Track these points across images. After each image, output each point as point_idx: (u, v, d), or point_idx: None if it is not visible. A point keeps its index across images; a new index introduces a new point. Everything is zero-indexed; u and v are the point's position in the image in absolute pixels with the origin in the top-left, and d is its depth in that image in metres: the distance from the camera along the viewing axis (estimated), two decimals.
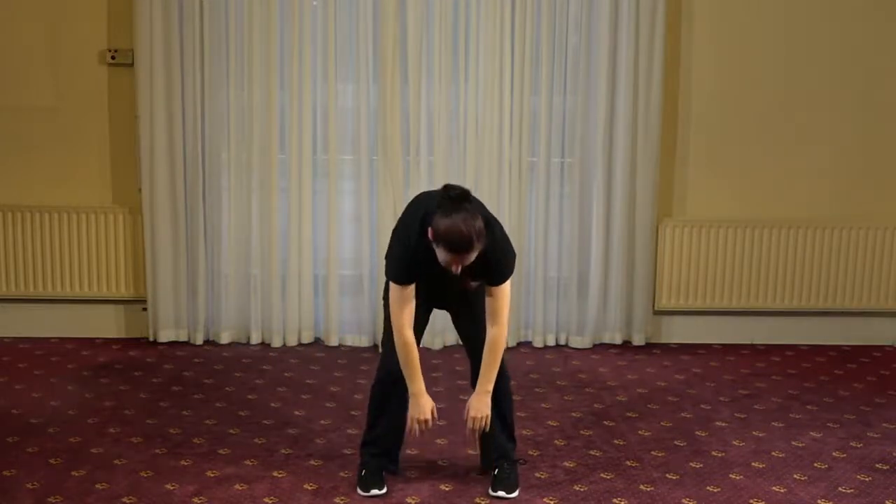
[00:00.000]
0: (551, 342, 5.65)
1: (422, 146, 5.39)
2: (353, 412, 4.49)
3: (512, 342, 5.56)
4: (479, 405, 3.57)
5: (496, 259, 3.48)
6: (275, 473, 3.84)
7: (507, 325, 3.57)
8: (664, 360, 5.43)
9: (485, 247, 3.36)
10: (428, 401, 3.57)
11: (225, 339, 5.56)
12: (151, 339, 5.54)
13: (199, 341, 5.54)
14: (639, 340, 5.66)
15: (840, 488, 3.80)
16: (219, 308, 5.55)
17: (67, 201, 5.49)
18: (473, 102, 5.37)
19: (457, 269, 3.37)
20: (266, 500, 3.61)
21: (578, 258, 5.59)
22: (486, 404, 3.58)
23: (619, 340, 5.67)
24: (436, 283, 3.55)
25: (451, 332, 5.39)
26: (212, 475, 3.81)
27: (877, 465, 4.03)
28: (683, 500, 3.67)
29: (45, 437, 4.15)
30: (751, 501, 3.67)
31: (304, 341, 5.59)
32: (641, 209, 5.50)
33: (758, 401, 4.80)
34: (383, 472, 3.72)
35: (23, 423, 4.32)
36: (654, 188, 5.49)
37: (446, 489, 3.73)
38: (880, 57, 5.54)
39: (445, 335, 5.51)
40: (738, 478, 3.88)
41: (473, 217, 3.31)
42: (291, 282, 5.50)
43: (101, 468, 3.85)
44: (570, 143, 5.49)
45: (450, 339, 5.52)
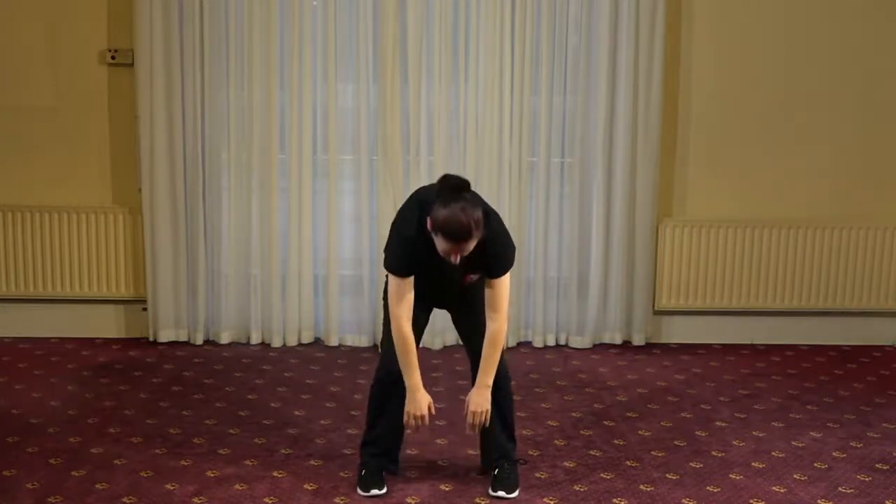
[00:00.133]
0: (551, 342, 5.65)
1: (422, 146, 5.39)
2: (353, 412, 4.49)
3: (512, 342, 5.57)
4: (479, 399, 3.56)
5: (495, 251, 3.47)
6: (275, 473, 3.83)
7: (506, 319, 3.56)
8: (664, 360, 5.43)
9: (484, 238, 3.37)
10: (424, 396, 3.55)
11: (225, 339, 5.56)
12: (151, 339, 5.54)
13: (199, 341, 5.54)
14: (639, 340, 5.66)
15: (840, 488, 3.80)
16: (219, 308, 5.55)
17: (67, 201, 5.49)
18: (473, 102, 5.37)
19: (456, 259, 3.36)
20: (266, 500, 3.61)
21: (578, 258, 5.59)
22: (486, 398, 3.56)
23: (619, 340, 5.67)
24: (435, 279, 3.55)
25: (450, 332, 5.39)
26: (212, 475, 3.81)
27: (877, 465, 4.03)
28: (683, 500, 3.67)
29: (45, 437, 4.15)
30: (751, 501, 3.67)
31: (304, 341, 5.59)
32: (641, 209, 5.50)
33: (758, 401, 4.80)
34: (383, 472, 3.71)
35: (23, 423, 4.32)
36: (654, 188, 5.49)
37: (446, 489, 3.73)
38: (880, 57, 5.54)
39: (445, 335, 5.51)
40: (738, 478, 3.88)
41: (472, 206, 3.32)
42: (291, 282, 5.50)
43: (101, 468, 3.85)
44: (570, 143, 5.49)
45: (450, 339, 5.52)
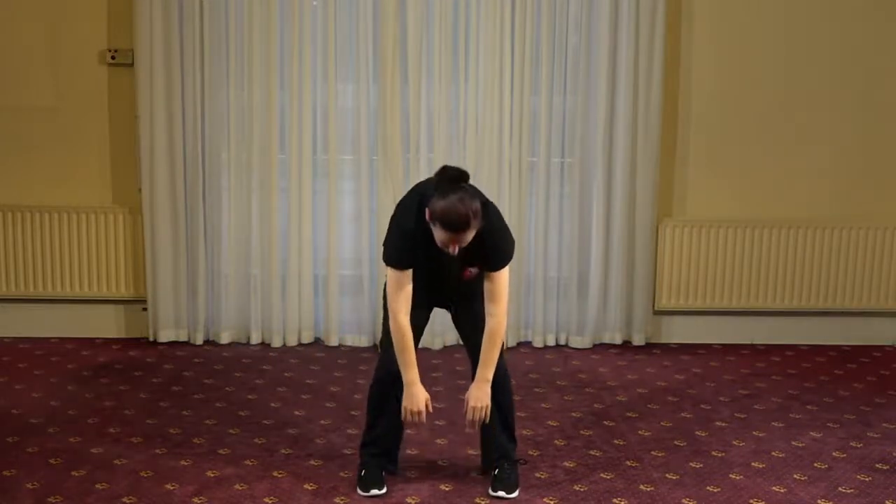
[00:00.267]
0: (551, 342, 5.65)
1: (422, 146, 5.39)
2: (353, 412, 4.48)
3: (512, 342, 5.56)
4: (479, 394, 3.55)
5: (493, 243, 3.47)
6: (275, 473, 3.83)
7: (505, 313, 3.55)
8: (664, 360, 5.43)
9: (482, 230, 3.37)
10: (421, 391, 3.54)
11: (225, 339, 5.56)
12: (151, 339, 5.54)
13: (199, 341, 5.54)
14: (639, 340, 5.66)
15: (840, 488, 3.79)
16: (219, 308, 5.55)
17: (67, 201, 5.49)
18: (473, 102, 5.37)
19: (454, 250, 3.35)
20: (266, 500, 3.60)
21: (578, 258, 5.59)
22: (486, 393, 3.55)
23: (619, 340, 5.67)
24: (434, 271, 3.54)
25: (450, 333, 5.39)
26: (212, 475, 3.81)
27: (877, 465, 4.03)
28: (683, 500, 3.67)
29: (45, 437, 4.15)
30: (751, 501, 3.67)
31: (304, 341, 5.59)
32: (641, 209, 5.50)
33: (758, 401, 4.80)
34: (383, 472, 3.71)
35: (23, 423, 4.32)
36: (654, 188, 5.49)
37: (446, 489, 3.73)
38: (880, 57, 5.54)
39: (445, 335, 5.51)
40: (738, 478, 3.88)
41: (470, 197, 3.32)
42: (291, 282, 5.50)
43: (101, 468, 3.85)
44: (570, 143, 5.49)
45: (450, 339, 5.52)
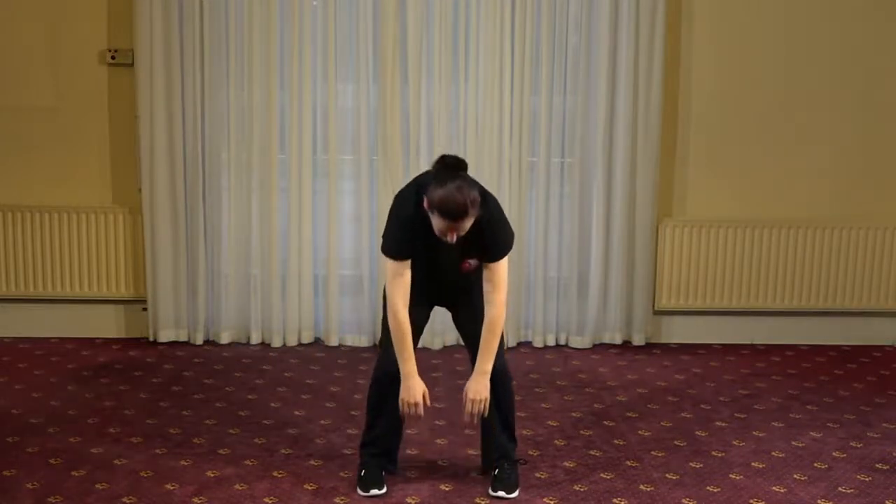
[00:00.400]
0: (551, 342, 5.65)
1: (422, 146, 5.39)
2: (352, 412, 4.48)
3: (512, 342, 5.56)
4: (478, 387, 3.54)
5: (492, 233, 3.47)
6: (275, 473, 3.83)
7: (505, 303, 3.54)
8: (664, 360, 5.43)
9: (480, 220, 3.37)
10: (418, 383, 3.53)
11: (225, 339, 5.56)
12: (151, 339, 5.54)
13: (199, 341, 5.54)
14: (639, 340, 5.65)
15: (840, 488, 3.79)
16: (219, 308, 5.55)
17: (67, 201, 5.49)
18: (473, 102, 5.37)
19: (452, 238, 3.35)
20: (266, 500, 3.60)
21: (578, 258, 5.59)
22: (485, 386, 3.54)
23: (619, 340, 5.67)
24: (433, 262, 3.53)
25: (450, 332, 5.39)
26: (212, 475, 3.81)
27: (877, 465, 4.03)
28: (683, 500, 3.67)
29: (45, 437, 4.15)
30: (751, 501, 3.67)
31: (304, 341, 5.59)
32: (641, 209, 5.50)
33: (758, 401, 4.80)
34: (383, 472, 3.71)
35: (23, 423, 4.32)
36: (654, 188, 5.49)
37: (446, 489, 3.73)
38: (880, 57, 5.54)
39: (445, 335, 5.51)
40: (738, 478, 3.88)
41: (468, 185, 3.33)
42: (291, 282, 5.50)
43: (101, 468, 3.85)
44: (570, 143, 5.49)
45: (450, 339, 5.52)
